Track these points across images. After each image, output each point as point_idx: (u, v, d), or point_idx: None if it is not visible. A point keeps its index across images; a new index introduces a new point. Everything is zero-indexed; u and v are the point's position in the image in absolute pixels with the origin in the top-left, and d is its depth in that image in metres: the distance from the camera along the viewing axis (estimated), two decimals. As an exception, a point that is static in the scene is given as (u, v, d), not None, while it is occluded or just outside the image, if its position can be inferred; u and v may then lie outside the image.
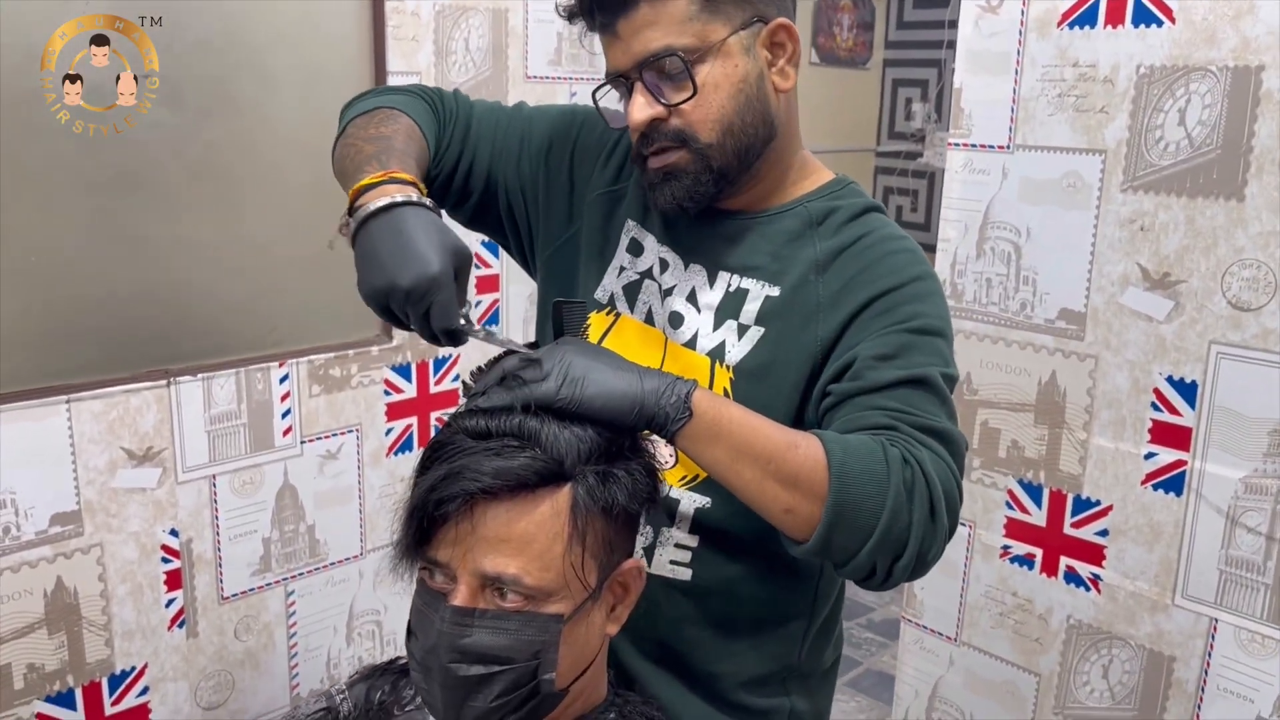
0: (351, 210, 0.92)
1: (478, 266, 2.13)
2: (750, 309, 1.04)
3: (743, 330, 1.04)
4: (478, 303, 2.17)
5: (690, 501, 1.05)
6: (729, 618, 1.08)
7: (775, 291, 1.04)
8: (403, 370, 2.06)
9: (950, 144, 1.79)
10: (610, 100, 1.05)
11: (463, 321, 0.88)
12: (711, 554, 1.06)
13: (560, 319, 0.94)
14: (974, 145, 1.76)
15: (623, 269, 1.12)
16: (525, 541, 0.84)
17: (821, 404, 0.98)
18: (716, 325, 1.05)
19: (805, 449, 0.87)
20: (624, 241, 1.12)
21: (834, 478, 0.85)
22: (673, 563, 1.07)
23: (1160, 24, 1.53)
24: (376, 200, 0.90)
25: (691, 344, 1.06)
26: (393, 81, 1.92)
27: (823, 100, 4.19)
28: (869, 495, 0.85)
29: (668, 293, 1.08)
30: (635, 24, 0.96)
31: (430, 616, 0.87)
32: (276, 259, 1.85)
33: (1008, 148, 1.72)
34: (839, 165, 1.15)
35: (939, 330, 0.99)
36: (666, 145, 1.00)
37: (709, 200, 1.03)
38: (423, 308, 0.86)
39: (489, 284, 2.18)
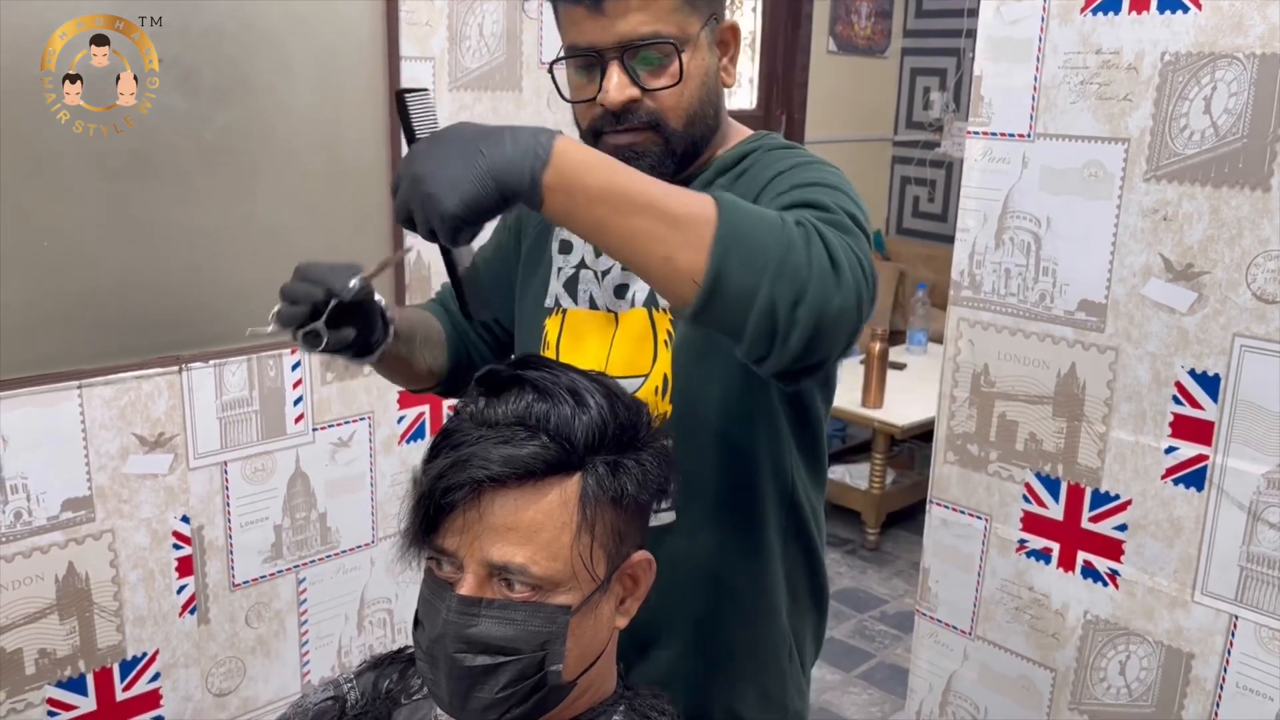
0: None
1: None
2: None
3: None
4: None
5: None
6: (715, 551, 1.09)
7: None
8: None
9: (969, 132, 1.77)
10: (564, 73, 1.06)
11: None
12: (687, 491, 1.03)
13: (405, 114, 0.87)
14: (994, 134, 1.73)
15: (560, 269, 1.15)
16: (533, 530, 0.83)
17: None
18: None
19: (688, 194, 0.83)
20: (554, 245, 1.16)
21: (723, 209, 0.80)
22: (656, 509, 1.05)
23: (1186, 10, 1.50)
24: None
25: (634, 303, 1.09)
26: (407, 66, 1.92)
27: (840, 89, 4.15)
28: (760, 230, 0.80)
29: (605, 273, 1.11)
30: (625, 6, 0.98)
31: (437, 606, 0.86)
32: (290, 245, 1.84)
33: (1028, 136, 1.69)
34: (856, 154, 1.15)
35: (838, 185, 0.96)
36: (635, 126, 1.01)
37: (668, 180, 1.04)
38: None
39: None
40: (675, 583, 1.06)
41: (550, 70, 1.08)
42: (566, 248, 1.15)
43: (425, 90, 0.93)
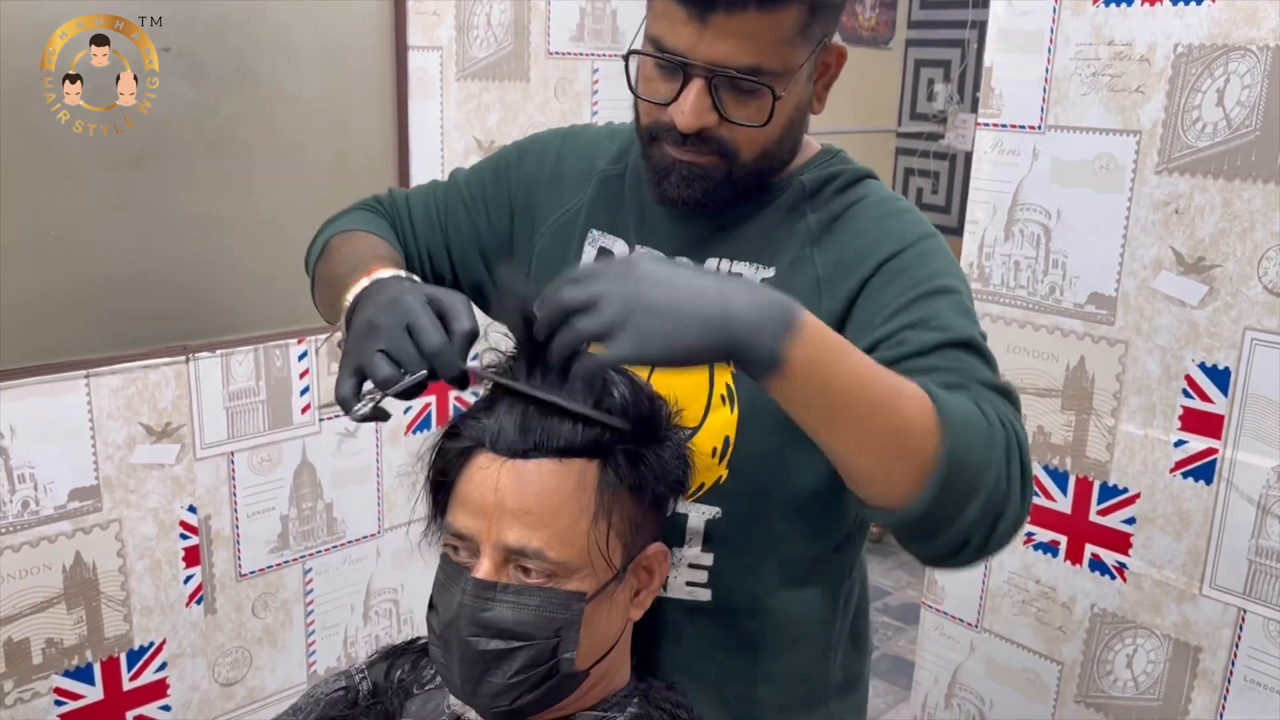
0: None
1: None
2: None
3: None
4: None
5: (699, 515, 0.98)
6: (758, 636, 1.02)
7: (770, 272, 0.97)
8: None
9: (979, 124, 1.76)
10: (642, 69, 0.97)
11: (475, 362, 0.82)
12: (730, 569, 0.99)
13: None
14: (1004, 125, 1.72)
15: None
16: (551, 515, 0.83)
17: None
18: None
19: (911, 396, 0.75)
20: (589, 252, 1.06)
21: (944, 424, 0.74)
22: (689, 584, 1.00)
23: (1199, 2, 1.49)
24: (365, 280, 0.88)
25: None
26: (414, 56, 1.91)
27: (844, 80, 4.11)
28: (976, 448, 0.75)
29: None
30: (732, 26, 0.85)
31: (452, 590, 0.85)
32: (296, 235, 1.81)
33: (1039, 128, 1.68)
34: (859, 145, 1.11)
35: (959, 288, 0.92)
36: (703, 150, 0.92)
37: (719, 206, 0.96)
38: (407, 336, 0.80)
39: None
40: (706, 664, 1.02)
41: (626, 59, 0.94)
42: (607, 256, 1.05)
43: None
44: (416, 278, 0.91)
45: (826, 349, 0.74)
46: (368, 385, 0.82)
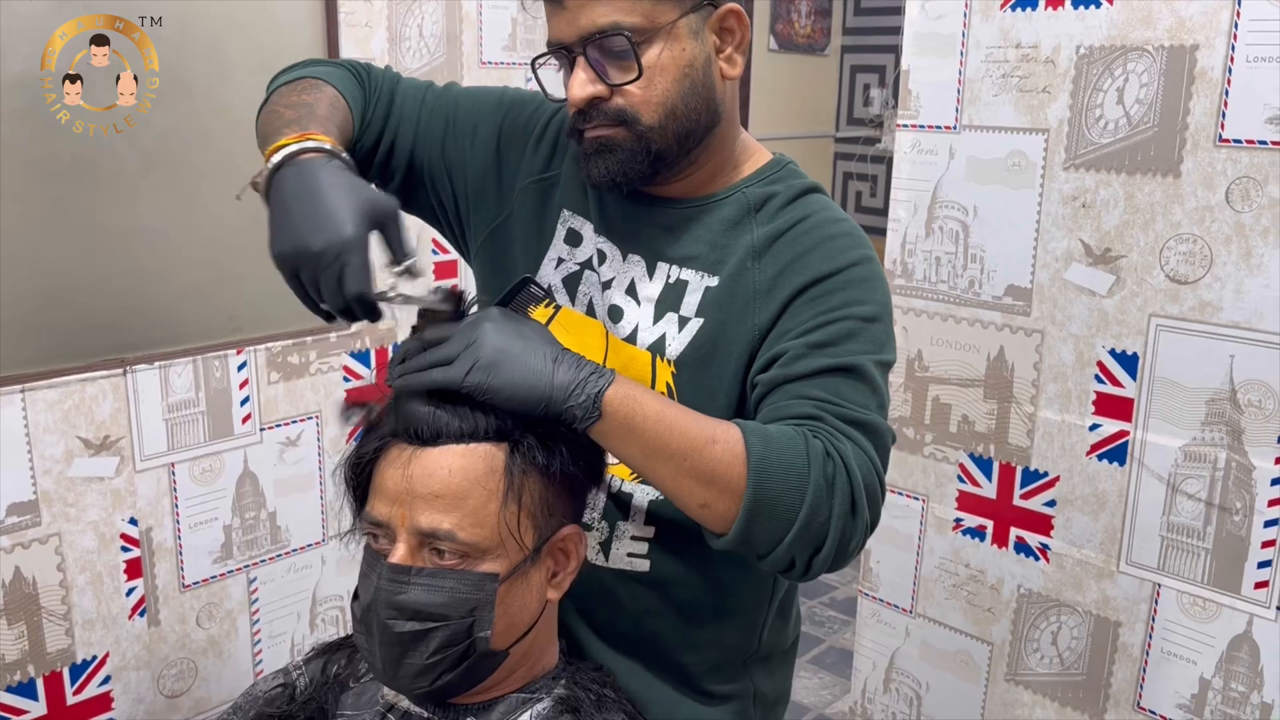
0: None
1: (435, 252, 2.14)
2: (690, 301, 1.02)
3: (683, 322, 1.02)
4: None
5: (644, 494, 1.05)
6: (690, 606, 1.09)
7: (714, 282, 1.02)
8: (361, 356, 2.07)
9: (899, 125, 1.83)
10: (552, 71, 1.03)
11: (385, 288, 0.85)
12: (668, 544, 1.06)
13: (515, 293, 0.93)
14: (922, 126, 1.79)
15: (561, 260, 1.09)
16: (460, 497, 0.87)
17: (752, 394, 0.97)
18: (657, 318, 1.03)
19: (724, 444, 0.86)
20: (560, 231, 1.10)
21: (752, 473, 0.85)
22: (630, 555, 1.06)
23: (1098, 5, 1.56)
24: (289, 148, 0.88)
25: (632, 338, 1.04)
26: (346, 68, 1.93)
27: (781, 87, 4.21)
28: (788, 490, 0.85)
29: (606, 285, 1.06)
30: None
31: (371, 576, 0.90)
32: (233, 246, 1.85)
33: (954, 128, 1.75)
34: (797, 151, 1.14)
35: (875, 316, 0.97)
36: (604, 122, 0.97)
37: (642, 180, 1.00)
38: (334, 272, 0.82)
39: (448, 270, 2.18)
40: (641, 630, 1.09)
41: (533, 69, 1.02)
42: (575, 239, 1.09)
43: (547, 288, 1.03)
44: (348, 157, 0.93)
45: (636, 400, 0.87)
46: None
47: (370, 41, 1.96)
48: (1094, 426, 1.65)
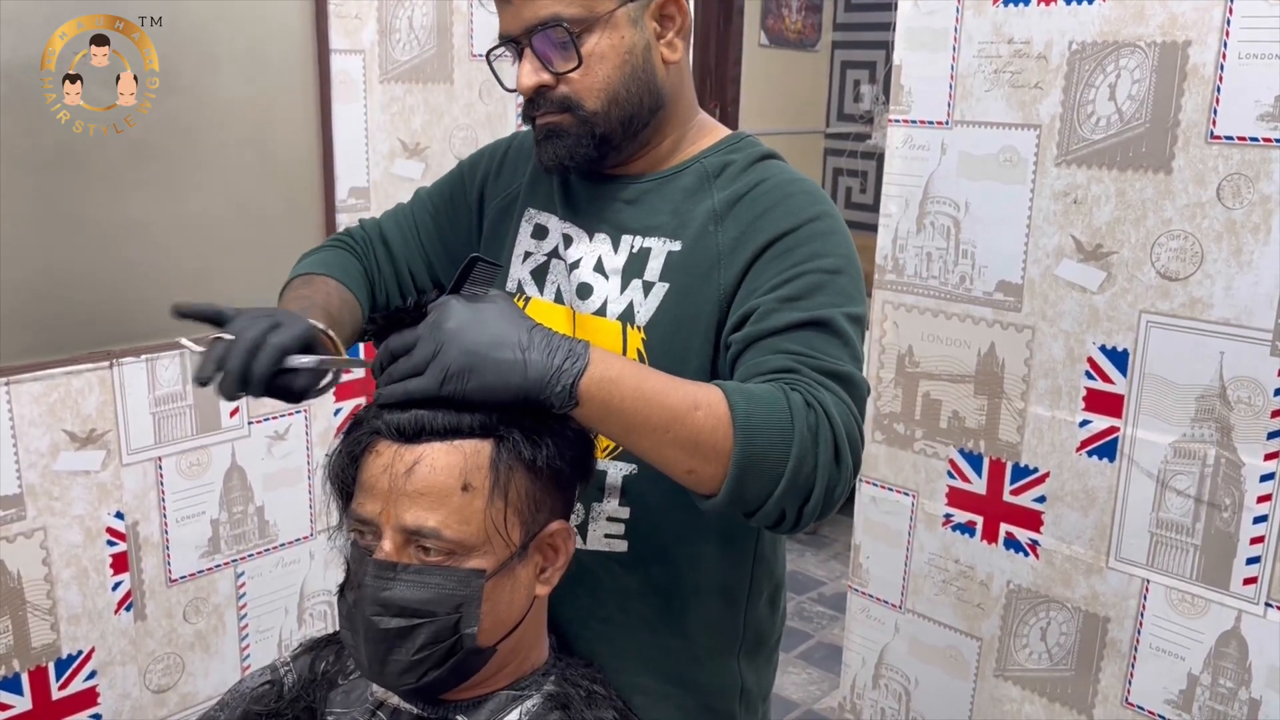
0: None
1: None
2: (654, 266, 1.05)
3: (648, 288, 1.05)
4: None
5: (617, 471, 1.06)
6: (671, 586, 1.09)
7: (677, 246, 1.05)
8: (350, 350, 2.05)
9: (890, 120, 1.82)
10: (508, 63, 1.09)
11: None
12: (645, 522, 1.07)
13: (468, 272, 0.92)
14: (914, 121, 1.78)
15: (529, 254, 1.14)
16: (444, 495, 0.86)
17: (728, 354, 1.00)
18: (624, 287, 1.06)
19: (706, 408, 0.87)
20: (525, 229, 1.15)
21: (738, 430, 0.85)
22: (607, 536, 1.07)
23: (1091, 1, 1.56)
24: None
25: (602, 311, 1.07)
26: (336, 59, 1.92)
27: (772, 82, 4.21)
28: (774, 445, 0.86)
29: (574, 266, 1.10)
30: None
31: (357, 572, 0.89)
32: (220, 239, 1.84)
33: (946, 124, 1.75)
34: (788, 147, 1.16)
35: (840, 268, 0.99)
36: (550, 110, 1.03)
37: (591, 162, 1.06)
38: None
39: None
40: (624, 614, 1.09)
41: (488, 61, 1.09)
42: (541, 233, 1.14)
43: (499, 265, 1.02)
44: (334, 334, 1.06)
45: (614, 381, 0.86)
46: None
47: (360, 33, 1.95)
48: (1084, 423, 1.65)
